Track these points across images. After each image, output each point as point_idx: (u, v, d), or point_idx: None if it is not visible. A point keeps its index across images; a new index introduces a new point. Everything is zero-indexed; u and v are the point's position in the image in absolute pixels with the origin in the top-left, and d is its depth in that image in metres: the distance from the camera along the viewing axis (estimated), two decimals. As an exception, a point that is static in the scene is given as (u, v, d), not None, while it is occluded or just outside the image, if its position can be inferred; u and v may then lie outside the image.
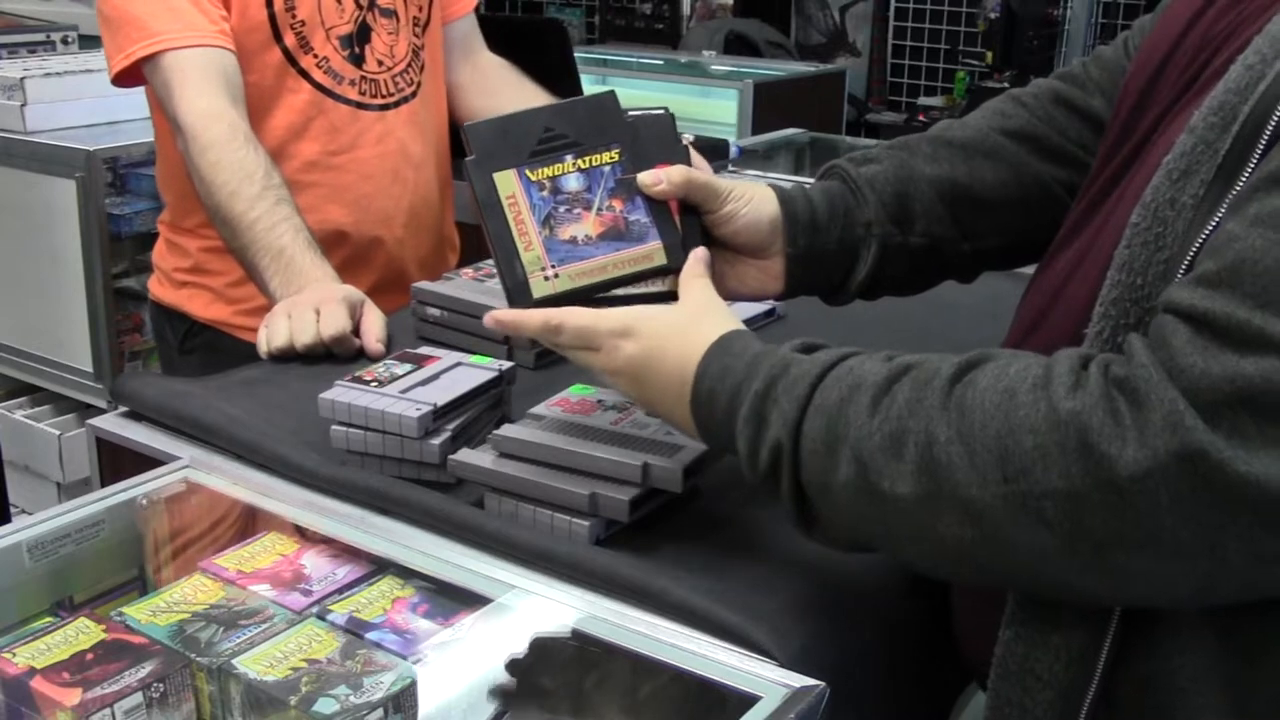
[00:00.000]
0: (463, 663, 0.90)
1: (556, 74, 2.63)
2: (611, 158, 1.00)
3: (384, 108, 1.75)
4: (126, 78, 1.63)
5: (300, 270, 1.46)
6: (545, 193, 0.98)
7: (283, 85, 1.68)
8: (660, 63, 3.68)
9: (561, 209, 0.98)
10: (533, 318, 0.95)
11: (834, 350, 0.86)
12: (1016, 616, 0.85)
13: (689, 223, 1.01)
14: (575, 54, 2.69)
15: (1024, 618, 0.84)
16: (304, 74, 1.68)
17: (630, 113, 1.02)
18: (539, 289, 0.96)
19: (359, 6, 1.71)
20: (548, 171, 0.98)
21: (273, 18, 1.64)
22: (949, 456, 0.75)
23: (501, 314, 0.97)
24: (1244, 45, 0.80)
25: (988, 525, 0.75)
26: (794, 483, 0.84)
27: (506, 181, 0.97)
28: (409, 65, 1.78)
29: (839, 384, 0.82)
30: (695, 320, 0.93)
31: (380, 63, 1.74)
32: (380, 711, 0.80)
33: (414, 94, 1.78)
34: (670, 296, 0.98)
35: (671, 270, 1.00)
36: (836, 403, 0.81)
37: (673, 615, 0.89)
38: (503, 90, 1.90)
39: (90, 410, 2.51)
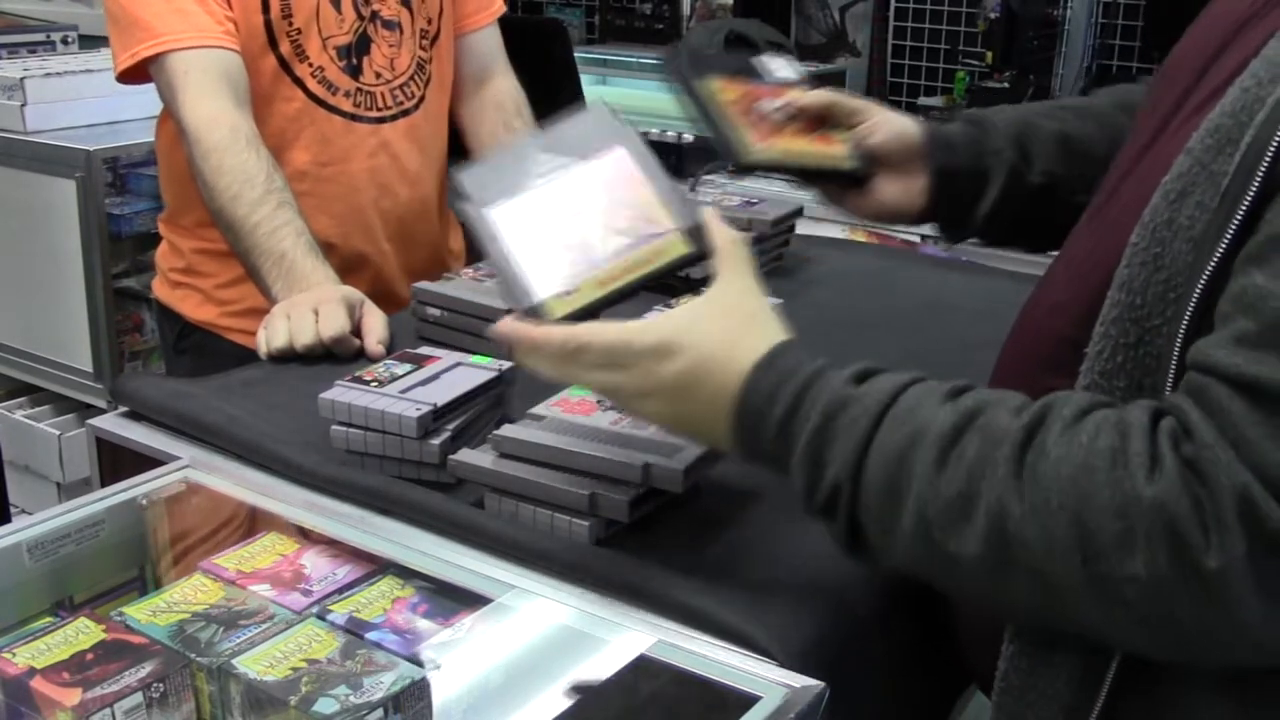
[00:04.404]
0: (463, 663, 0.90)
1: (556, 74, 2.63)
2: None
3: (380, 120, 1.72)
4: (131, 76, 1.63)
5: (302, 274, 1.46)
6: (742, 100, 0.94)
7: (276, 93, 1.66)
8: (660, 63, 3.68)
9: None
10: (552, 336, 0.87)
11: (890, 379, 0.82)
12: (1019, 633, 0.85)
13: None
14: (575, 54, 2.69)
15: (1027, 635, 0.84)
16: (298, 82, 1.67)
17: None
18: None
19: (360, 17, 1.68)
20: (750, 88, 0.93)
21: (269, 24, 1.63)
22: (1023, 531, 0.73)
23: (515, 328, 0.88)
24: (1240, 64, 0.79)
25: (1061, 597, 0.74)
26: (851, 522, 0.81)
27: (712, 83, 0.95)
28: (411, 78, 1.75)
29: (901, 427, 0.79)
30: (742, 328, 0.87)
31: (378, 75, 1.71)
32: (380, 711, 0.80)
33: (415, 107, 1.76)
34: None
35: (858, 177, 1.11)
36: (899, 450, 0.78)
37: (673, 615, 0.89)
38: (485, 143, 1.85)
39: (90, 410, 2.51)
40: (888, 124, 1.18)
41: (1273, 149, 0.72)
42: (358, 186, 1.72)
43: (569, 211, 0.92)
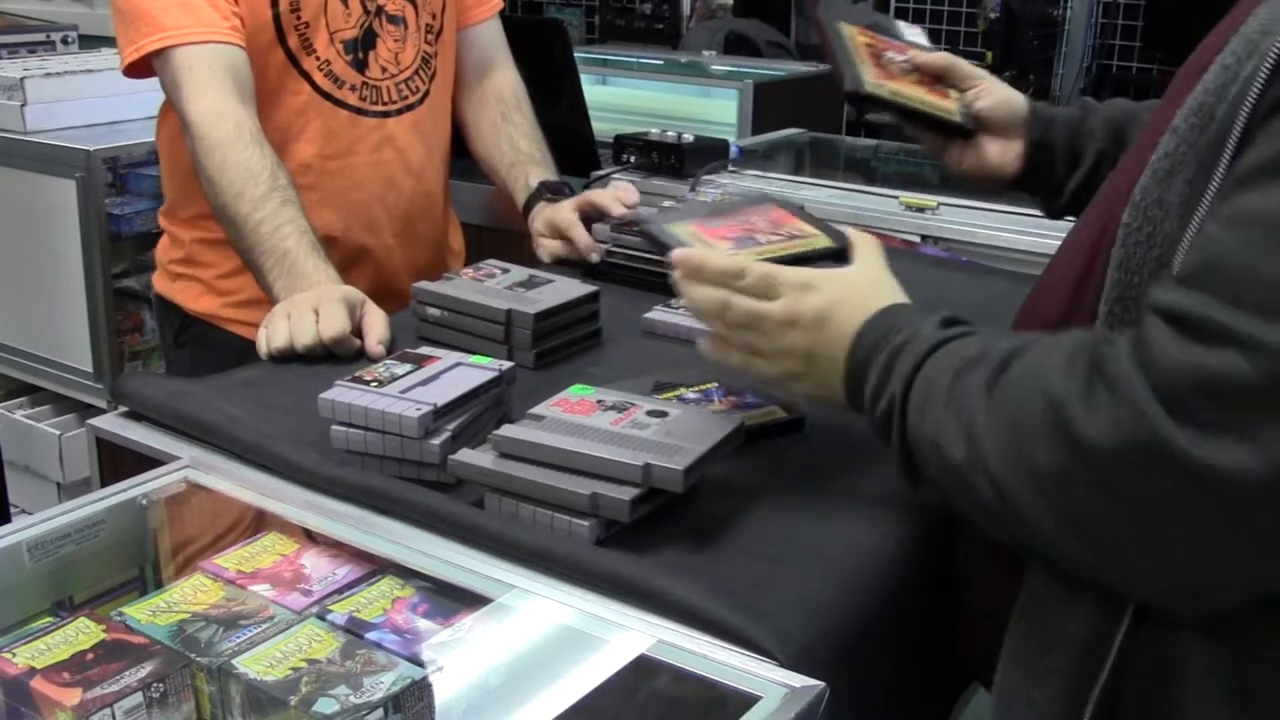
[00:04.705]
0: (463, 663, 0.90)
1: (556, 74, 2.63)
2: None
3: (385, 114, 1.73)
4: (136, 70, 1.64)
5: (304, 273, 1.46)
6: (874, 47, 1.30)
7: (284, 86, 1.66)
8: (660, 63, 3.67)
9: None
10: (718, 257, 1.02)
11: (965, 328, 0.93)
12: (1029, 609, 0.88)
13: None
14: (575, 54, 2.68)
15: (1037, 610, 0.87)
16: (305, 75, 1.67)
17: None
18: None
19: (366, 12, 1.69)
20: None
21: (277, 17, 1.63)
22: (983, 432, 0.83)
23: (685, 251, 1.03)
24: (1224, 47, 0.82)
25: (1008, 497, 0.81)
26: (902, 433, 0.91)
27: (849, 29, 1.31)
28: (416, 73, 1.76)
29: (946, 354, 0.90)
30: (873, 285, 1.02)
31: (384, 69, 1.72)
32: (380, 711, 0.80)
33: (420, 101, 1.76)
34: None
35: (962, 130, 1.32)
36: (937, 371, 0.89)
37: (673, 615, 0.89)
38: (484, 135, 1.87)
39: (90, 410, 2.51)
40: (997, 91, 1.33)
41: (1242, 119, 0.75)
42: (362, 180, 1.72)
43: (733, 225, 1.12)
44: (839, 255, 1.06)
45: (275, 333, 1.36)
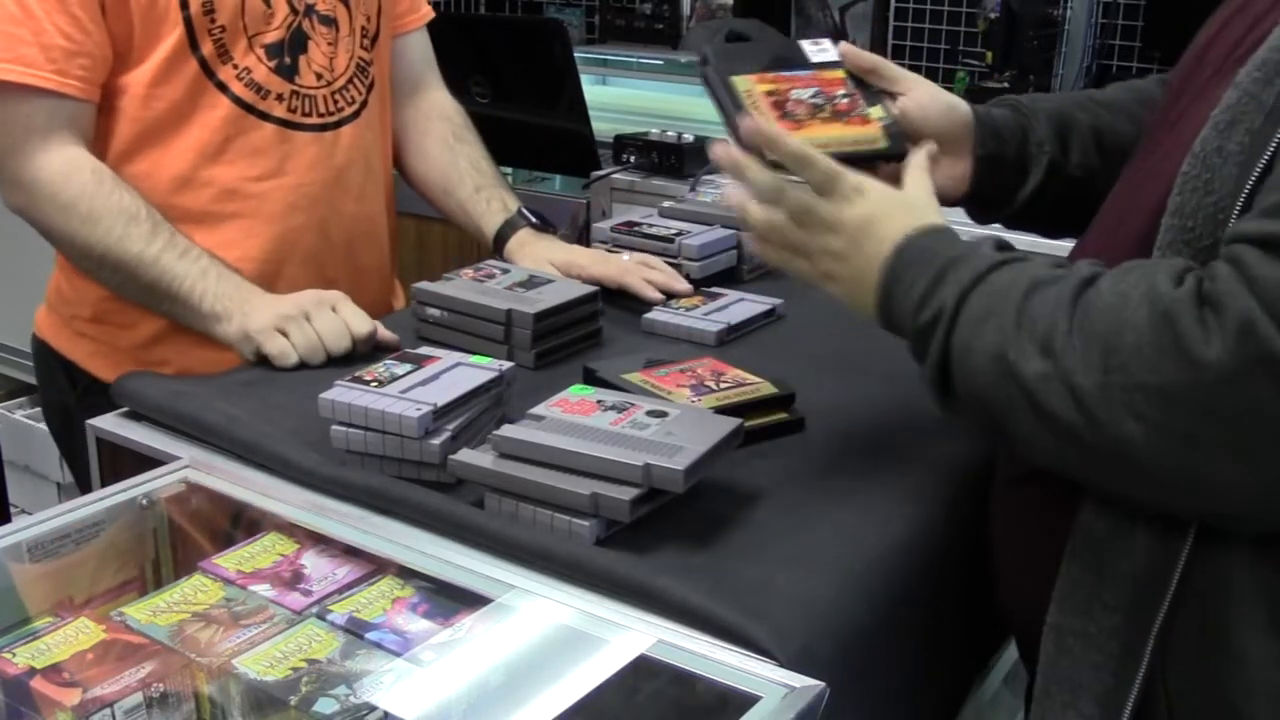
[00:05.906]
0: (463, 663, 0.90)
1: (557, 74, 2.63)
2: (835, 74, 1.15)
3: (321, 128, 1.53)
4: None
5: (238, 283, 1.38)
6: (776, 92, 1.12)
7: (198, 101, 1.46)
8: (660, 63, 3.66)
9: (791, 102, 1.10)
10: (792, 140, 1.02)
11: (1022, 253, 0.94)
12: (1081, 549, 0.91)
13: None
14: (575, 54, 2.68)
15: (1090, 549, 0.90)
16: (222, 87, 1.46)
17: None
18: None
19: (293, 12, 1.49)
20: (783, 77, 1.12)
21: (188, 21, 1.42)
22: (1066, 345, 0.84)
23: (763, 125, 1.03)
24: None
25: (1086, 410, 0.83)
26: (944, 345, 0.91)
27: (744, 82, 1.12)
28: (351, 81, 1.56)
29: (1011, 272, 0.91)
30: (919, 204, 1.02)
31: (319, 76, 1.52)
32: (380, 711, 0.80)
33: (357, 114, 1.57)
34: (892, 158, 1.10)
35: (893, 155, 1.11)
36: (1003, 285, 0.90)
37: (673, 615, 0.89)
38: (432, 152, 1.71)
39: (90, 410, 2.51)
40: (935, 101, 1.18)
41: None
42: (296, 204, 1.52)
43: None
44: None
45: (303, 342, 1.32)
